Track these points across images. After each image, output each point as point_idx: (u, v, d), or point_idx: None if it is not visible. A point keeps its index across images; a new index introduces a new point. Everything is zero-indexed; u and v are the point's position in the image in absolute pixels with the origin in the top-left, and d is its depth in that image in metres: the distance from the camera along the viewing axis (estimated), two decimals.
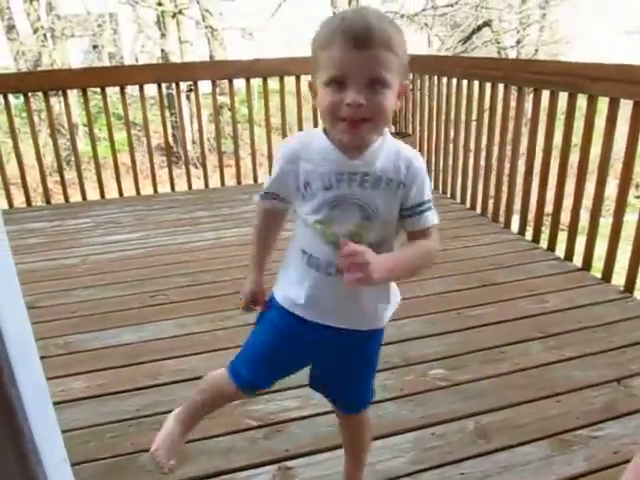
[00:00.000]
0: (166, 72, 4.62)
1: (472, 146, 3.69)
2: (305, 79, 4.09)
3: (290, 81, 4.36)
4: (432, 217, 1.05)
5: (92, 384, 1.95)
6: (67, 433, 1.71)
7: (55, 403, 1.84)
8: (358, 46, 0.91)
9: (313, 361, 1.24)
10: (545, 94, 2.97)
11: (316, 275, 1.07)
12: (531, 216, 3.19)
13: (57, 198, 4.74)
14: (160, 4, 10.43)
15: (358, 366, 1.22)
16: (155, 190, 4.42)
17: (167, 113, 5.02)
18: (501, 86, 3.33)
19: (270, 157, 4.49)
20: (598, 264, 2.73)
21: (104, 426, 1.74)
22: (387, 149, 1.02)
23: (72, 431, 1.71)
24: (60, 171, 4.25)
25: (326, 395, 1.32)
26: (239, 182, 4.59)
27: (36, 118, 8.20)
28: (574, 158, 2.84)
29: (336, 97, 0.94)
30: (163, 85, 4.37)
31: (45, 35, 10.86)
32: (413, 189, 1.03)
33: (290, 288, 1.12)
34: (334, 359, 1.19)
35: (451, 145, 3.90)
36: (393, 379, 1.92)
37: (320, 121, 1.08)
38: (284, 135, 4.53)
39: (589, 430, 1.65)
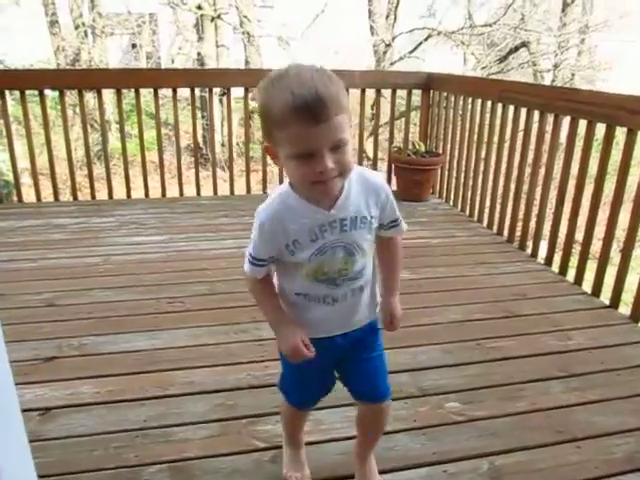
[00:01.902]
0: (200, 78, 4.66)
1: (503, 171, 3.63)
2: None
3: None
4: (404, 226, 1.28)
5: (102, 390, 1.93)
6: (74, 439, 1.70)
7: (64, 407, 1.83)
8: (317, 121, 0.97)
9: (336, 368, 1.38)
10: (582, 123, 2.90)
11: (317, 306, 1.23)
12: (559, 247, 3.11)
13: (85, 192, 4.78)
14: (200, 8, 10.56)
15: (371, 353, 1.34)
16: (181, 192, 4.44)
17: (198, 114, 5.06)
18: (536, 112, 3.26)
19: None
20: (626, 296, 2.64)
21: (110, 435, 1.71)
22: (355, 190, 1.15)
23: (78, 437, 1.70)
24: (89, 168, 4.30)
25: (357, 392, 1.40)
26: (264, 189, 4.58)
27: (70, 112, 8.35)
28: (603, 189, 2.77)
29: (307, 168, 1.02)
30: (196, 89, 4.40)
31: (86, 32, 11.07)
32: (386, 212, 1.21)
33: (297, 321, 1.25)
34: (350, 357, 1.32)
35: (481, 168, 3.84)
36: (406, 409, 1.86)
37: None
38: None
39: None
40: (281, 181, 4.53)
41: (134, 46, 12.49)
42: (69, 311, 2.50)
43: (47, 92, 4.17)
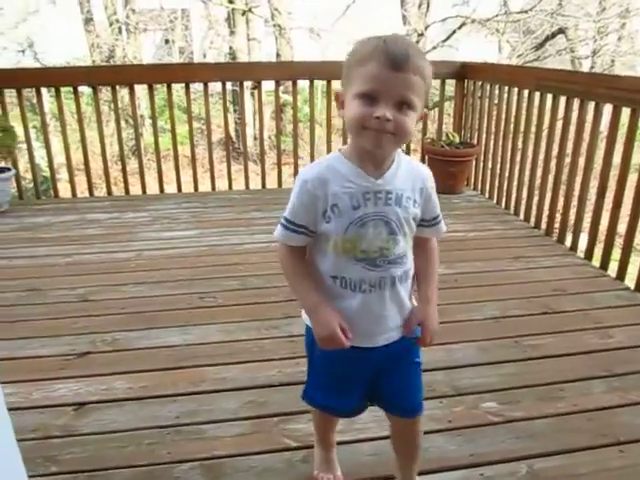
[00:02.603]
0: (230, 72, 4.64)
1: (540, 161, 3.52)
2: None
3: None
4: (443, 226, 1.27)
5: (134, 385, 1.94)
6: (106, 435, 1.70)
7: (97, 402, 1.83)
8: (395, 68, 1.00)
9: (370, 377, 1.28)
10: (624, 112, 2.78)
11: (352, 294, 1.15)
12: (600, 240, 2.99)
13: (119, 186, 4.83)
14: (231, 2, 10.57)
15: (408, 365, 1.29)
16: (213, 186, 4.46)
17: (230, 109, 5.07)
18: (576, 100, 3.14)
19: None
20: None
21: (142, 431, 1.71)
22: (403, 169, 1.14)
23: (111, 433, 1.71)
24: (123, 163, 4.34)
25: (389, 404, 1.33)
26: None
27: (106, 107, 8.45)
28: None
29: (366, 110, 1.02)
30: (228, 82, 4.39)
31: (120, 29, 11.20)
32: (429, 206, 1.20)
33: None
34: (386, 368, 1.25)
35: (518, 159, 3.73)
36: (441, 409, 1.82)
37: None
38: (344, 136, 4.46)
39: None
40: None
41: (167, 42, 12.60)
42: (102, 306, 2.52)
43: (82, 89, 4.22)
